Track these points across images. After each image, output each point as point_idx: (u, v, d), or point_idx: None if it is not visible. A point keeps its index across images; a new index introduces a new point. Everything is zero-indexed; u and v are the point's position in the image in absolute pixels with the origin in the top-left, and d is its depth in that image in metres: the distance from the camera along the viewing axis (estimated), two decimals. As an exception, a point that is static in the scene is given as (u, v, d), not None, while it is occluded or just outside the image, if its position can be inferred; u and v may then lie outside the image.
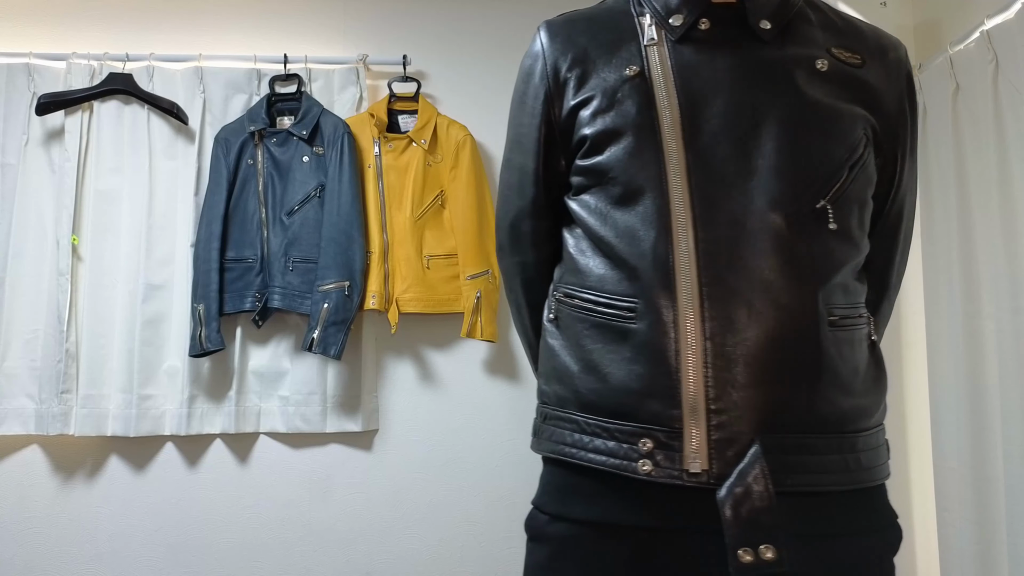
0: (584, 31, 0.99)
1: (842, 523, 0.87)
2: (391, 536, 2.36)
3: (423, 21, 2.53)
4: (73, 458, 2.31)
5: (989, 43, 1.91)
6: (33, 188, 2.30)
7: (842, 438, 0.87)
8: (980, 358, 1.98)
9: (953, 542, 2.08)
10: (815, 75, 0.92)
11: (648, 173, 0.89)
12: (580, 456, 0.90)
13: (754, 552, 0.80)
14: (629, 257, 0.88)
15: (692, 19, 0.94)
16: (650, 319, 0.86)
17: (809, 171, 0.88)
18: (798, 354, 0.85)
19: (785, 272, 0.85)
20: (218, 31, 2.48)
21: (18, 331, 2.26)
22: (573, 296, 0.95)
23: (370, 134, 2.35)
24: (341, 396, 2.33)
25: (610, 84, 0.93)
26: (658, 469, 0.84)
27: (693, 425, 0.84)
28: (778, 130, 0.89)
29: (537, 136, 1.00)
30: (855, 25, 1.00)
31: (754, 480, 0.81)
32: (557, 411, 0.95)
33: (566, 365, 0.94)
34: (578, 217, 0.96)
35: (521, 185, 1.03)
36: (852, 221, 0.91)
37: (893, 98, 0.97)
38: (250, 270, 2.27)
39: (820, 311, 0.86)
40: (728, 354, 0.84)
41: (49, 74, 2.34)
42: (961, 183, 2.06)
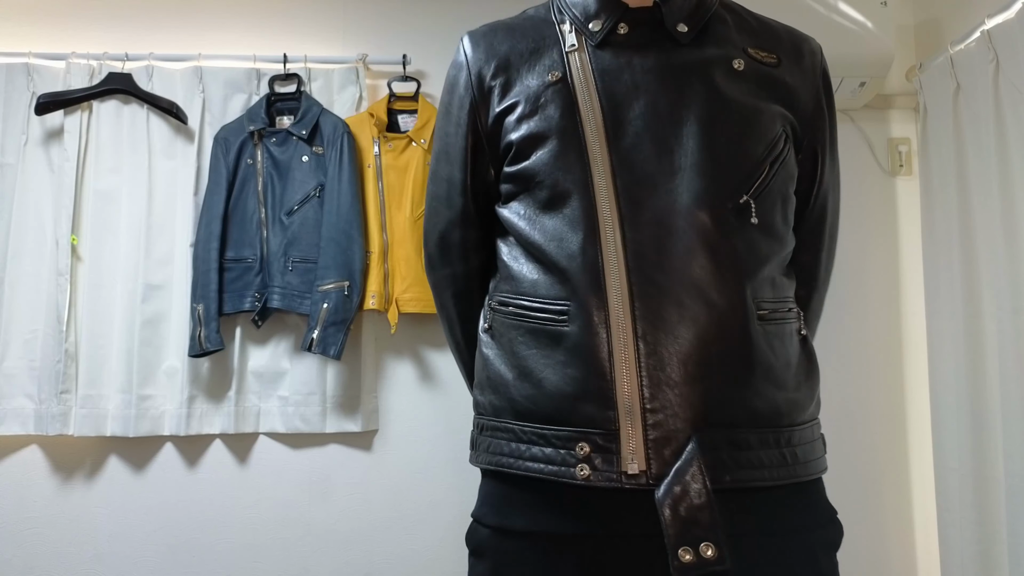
0: (506, 39, 1.00)
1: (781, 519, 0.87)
2: (391, 536, 2.36)
3: (423, 21, 2.53)
4: (72, 458, 2.31)
5: (990, 42, 1.91)
6: (32, 188, 2.29)
7: (778, 432, 0.87)
8: (981, 358, 1.98)
9: (954, 542, 2.08)
10: (732, 75, 0.94)
11: (573, 176, 0.90)
12: (518, 466, 0.89)
13: (694, 551, 0.80)
14: (559, 260, 0.89)
15: (611, 24, 0.96)
16: (581, 321, 0.86)
17: (730, 168, 0.89)
18: (730, 349, 0.85)
19: (713, 268, 0.86)
20: (217, 31, 2.47)
21: (17, 331, 2.25)
22: (507, 304, 0.95)
23: (370, 134, 2.34)
24: (341, 396, 2.33)
25: (533, 90, 0.95)
26: (596, 473, 0.84)
27: (629, 426, 0.83)
28: (698, 128, 0.90)
29: (464, 145, 1.01)
30: (770, 26, 1.02)
31: (691, 478, 0.81)
32: (493, 421, 0.94)
33: (500, 373, 0.93)
34: (509, 224, 0.96)
35: (449, 196, 1.04)
36: (775, 216, 0.93)
37: (809, 96, 0.99)
38: (249, 270, 2.27)
39: (749, 306, 0.87)
40: (661, 353, 0.84)
41: (48, 74, 2.34)
42: (962, 183, 2.06)
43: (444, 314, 1.12)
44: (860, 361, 2.38)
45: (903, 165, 2.44)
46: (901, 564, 2.32)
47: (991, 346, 1.93)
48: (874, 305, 2.41)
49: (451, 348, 1.15)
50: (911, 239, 2.41)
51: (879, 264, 2.42)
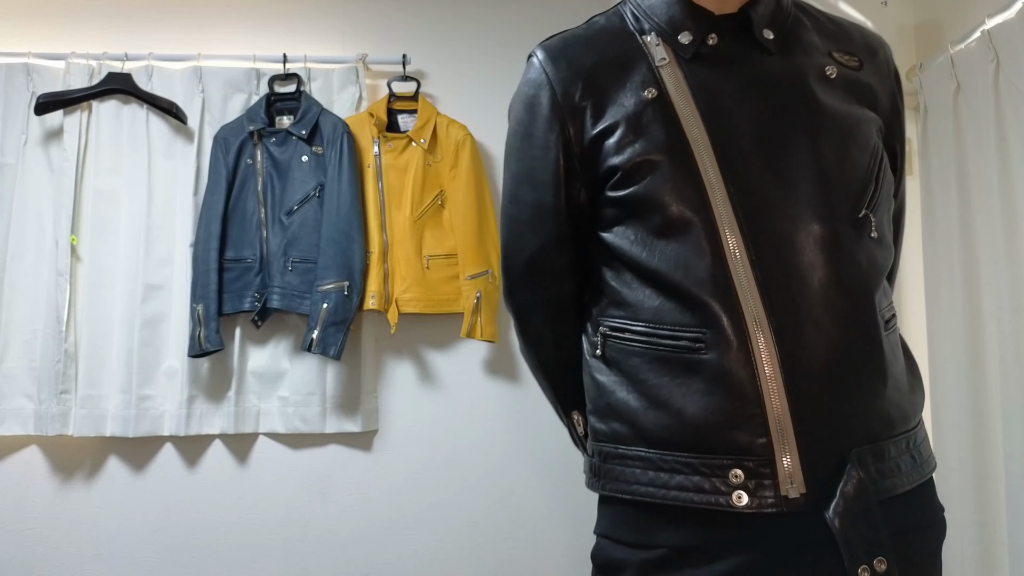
0: (588, 53, 0.96)
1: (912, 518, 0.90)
2: (390, 536, 2.36)
3: (423, 21, 2.52)
4: (72, 459, 2.30)
5: (990, 42, 1.91)
6: (32, 188, 2.29)
7: (907, 436, 0.89)
8: (981, 358, 1.98)
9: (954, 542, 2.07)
10: (826, 82, 0.92)
11: (689, 199, 0.87)
12: (662, 496, 0.87)
13: (870, 568, 0.82)
14: (688, 287, 0.86)
15: (701, 36, 0.92)
16: (720, 348, 0.84)
17: (843, 181, 0.88)
18: (866, 363, 0.86)
19: (841, 284, 0.85)
20: (217, 30, 2.47)
21: (17, 331, 2.25)
22: (624, 330, 0.92)
23: (369, 134, 2.34)
24: (340, 396, 2.33)
25: (631, 110, 0.90)
26: (754, 499, 0.83)
27: (784, 451, 0.83)
28: (806, 142, 0.88)
29: (555, 170, 0.95)
30: (843, 26, 1.01)
31: (856, 497, 0.82)
32: (620, 448, 0.91)
33: (624, 401, 0.91)
34: (616, 249, 0.92)
35: (539, 221, 0.99)
36: (885, 225, 0.93)
37: (887, 96, 0.98)
38: (249, 270, 2.27)
39: (878, 317, 0.87)
40: (804, 372, 0.83)
41: (48, 74, 2.34)
42: (962, 183, 2.05)
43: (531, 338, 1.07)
44: (860, 361, 2.38)
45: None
46: (901, 564, 2.32)
47: (991, 346, 1.93)
48: (874, 305, 2.41)
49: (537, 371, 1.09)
50: (911, 239, 2.41)
51: (879, 264, 2.42)
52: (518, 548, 2.39)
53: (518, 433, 2.42)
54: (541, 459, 2.42)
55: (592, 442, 0.97)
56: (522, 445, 2.42)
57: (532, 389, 2.42)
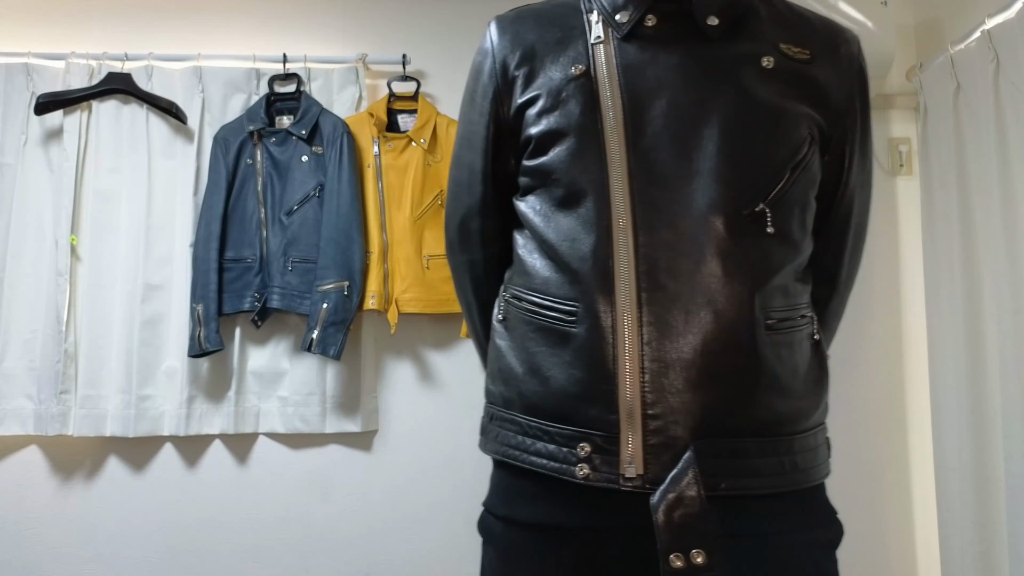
0: (533, 27, 0.98)
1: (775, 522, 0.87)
2: (390, 537, 2.36)
3: (423, 20, 2.52)
4: (72, 459, 2.30)
5: (990, 42, 1.91)
6: (32, 188, 2.29)
7: (777, 441, 0.87)
8: (981, 358, 1.98)
9: (954, 542, 2.08)
10: (761, 73, 0.91)
11: (590, 175, 0.88)
12: (523, 459, 0.91)
13: (685, 557, 0.81)
14: (571, 260, 0.88)
15: (638, 15, 0.92)
16: (589, 323, 0.86)
17: (749, 174, 0.88)
18: (735, 359, 0.85)
19: (723, 277, 0.85)
20: (217, 30, 2.47)
21: (17, 331, 2.25)
22: (521, 298, 0.95)
23: (369, 133, 2.34)
24: (340, 396, 2.32)
25: (555, 83, 0.93)
26: (595, 473, 0.85)
27: (629, 430, 0.84)
28: (719, 131, 0.88)
29: (486, 135, 1.00)
30: (807, 18, 0.99)
31: (687, 485, 0.82)
32: (503, 412, 0.95)
33: (511, 366, 0.94)
34: (525, 218, 0.95)
35: (470, 183, 1.03)
36: (792, 223, 0.91)
37: (843, 93, 0.95)
38: (249, 270, 2.27)
39: (757, 315, 0.86)
40: (665, 359, 0.84)
41: (48, 74, 2.34)
42: (962, 183, 2.05)
43: (463, 298, 1.12)
44: (860, 361, 2.38)
45: (903, 165, 2.44)
46: (901, 564, 2.32)
47: (992, 346, 1.93)
48: (874, 305, 2.41)
49: (469, 330, 1.14)
50: (911, 239, 2.41)
51: (879, 264, 2.42)
52: (518, 548, 2.39)
53: (518, 433, 2.42)
54: (541, 459, 2.42)
55: (486, 403, 1.00)
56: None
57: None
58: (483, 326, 1.08)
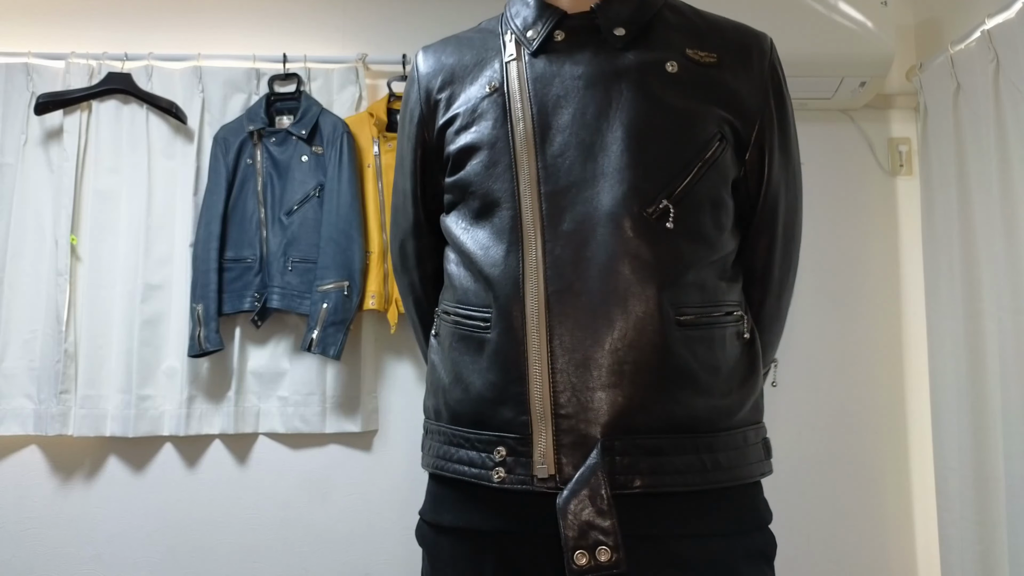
0: (455, 52, 1.04)
1: (698, 523, 0.87)
2: (390, 537, 2.36)
3: (423, 20, 2.52)
4: (72, 459, 2.30)
5: (990, 42, 1.91)
6: (31, 188, 2.29)
7: (696, 438, 0.87)
8: (981, 358, 1.98)
9: (954, 542, 2.08)
10: (665, 78, 0.93)
11: (502, 186, 0.91)
12: (448, 468, 0.93)
13: (590, 554, 0.81)
14: (484, 268, 0.91)
15: (547, 31, 0.96)
16: (500, 328, 0.88)
17: (652, 172, 0.89)
18: (644, 356, 0.85)
19: (629, 275, 0.86)
20: (217, 30, 2.47)
21: (16, 331, 2.25)
22: (448, 311, 0.97)
23: (369, 133, 2.34)
24: (340, 396, 2.32)
25: (472, 102, 0.96)
26: (510, 476, 0.86)
27: (541, 431, 0.85)
28: (623, 133, 0.90)
29: (413, 158, 1.04)
30: (717, 24, 1.00)
31: (593, 483, 0.82)
32: (433, 424, 0.98)
33: (440, 378, 0.96)
34: (449, 234, 0.98)
35: (404, 206, 1.07)
36: (703, 220, 0.91)
37: (754, 94, 0.96)
38: (249, 270, 2.27)
39: (666, 312, 0.86)
40: (575, 358, 0.85)
41: (48, 74, 2.34)
42: (962, 183, 2.06)
43: (410, 319, 1.16)
44: (860, 361, 2.38)
45: (903, 165, 2.44)
46: (901, 564, 2.32)
47: (991, 346, 1.93)
48: (874, 305, 2.41)
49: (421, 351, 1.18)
50: (911, 239, 2.41)
51: (879, 264, 2.42)
52: (518, 548, 2.39)
53: (518, 433, 2.42)
54: (541, 459, 2.42)
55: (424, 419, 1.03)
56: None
57: (532, 389, 2.42)
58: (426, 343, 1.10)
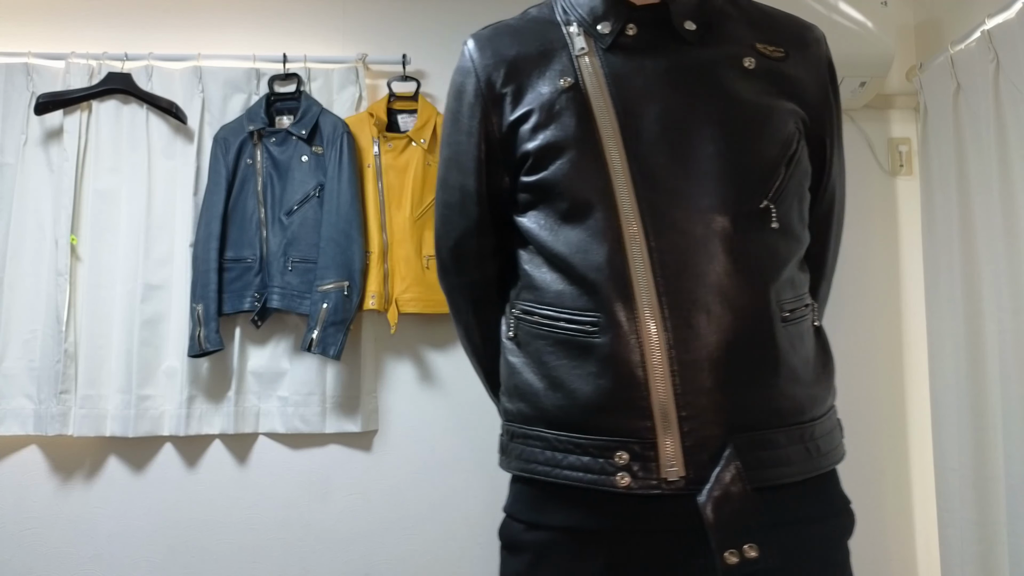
0: (513, 43, 0.99)
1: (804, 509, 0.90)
2: (390, 537, 2.36)
3: (423, 20, 2.52)
4: (72, 458, 2.30)
5: (990, 42, 1.91)
6: (31, 188, 2.29)
7: (802, 428, 0.89)
8: (981, 358, 1.98)
9: (954, 542, 2.08)
10: (743, 74, 0.94)
11: (594, 186, 0.90)
12: (555, 474, 0.91)
13: (739, 552, 0.82)
14: (586, 272, 0.89)
15: (619, 26, 0.95)
16: (612, 332, 0.87)
17: (748, 171, 0.90)
18: (757, 353, 0.87)
19: (736, 274, 0.87)
20: (217, 30, 2.47)
21: (16, 331, 2.25)
22: (532, 312, 0.95)
23: (369, 133, 2.34)
24: (340, 396, 2.32)
25: (546, 97, 0.94)
26: (636, 481, 0.85)
27: (666, 434, 0.85)
28: (713, 133, 0.90)
29: (477, 154, 0.99)
30: (773, 16, 1.02)
31: (731, 482, 0.83)
32: (523, 428, 0.95)
33: (529, 383, 0.94)
34: (528, 233, 0.96)
35: (463, 204, 1.03)
36: (793, 216, 0.93)
37: (816, 86, 0.99)
38: (249, 270, 2.27)
39: (773, 309, 0.88)
40: (692, 361, 0.85)
41: (48, 74, 2.34)
42: (962, 182, 2.06)
43: (460, 320, 1.11)
44: (860, 361, 2.38)
45: (903, 165, 2.44)
46: (901, 564, 2.32)
47: (991, 346, 1.93)
48: (874, 305, 2.41)
49: (467, 352, 1.14)
50: (911, 239, 2.41)
51: (879, 264, 2.42)
52: (518, 548, 2.39)
53: (518, 433, 2.42)
54: (541, 459, 2.42)
55: (503, 422, 1.01)
56: (522, 445, 2.42)
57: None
58: (485, 345, 1.08)
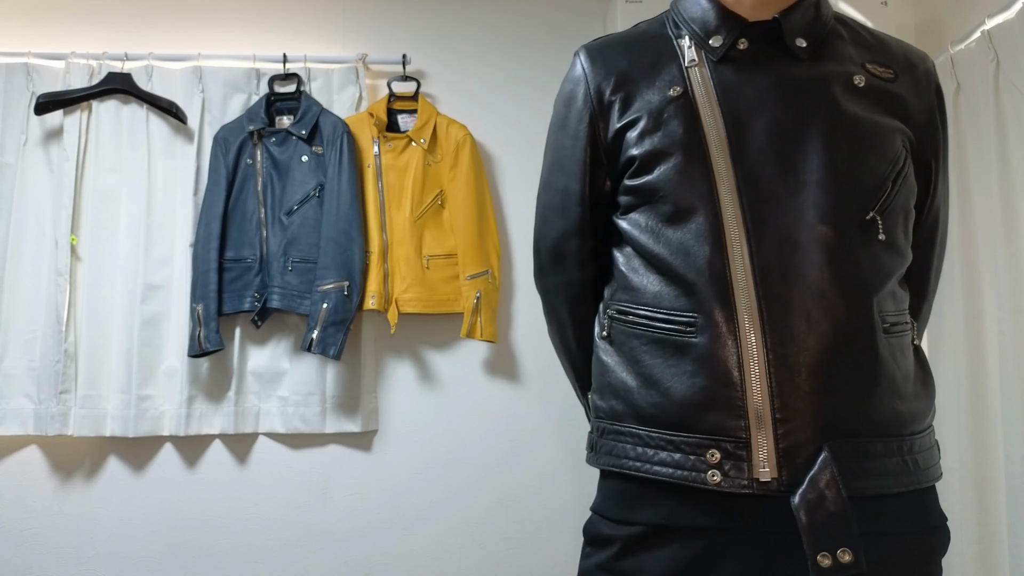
0: (624, 54, 1.02)
1: (902, 523, 0.90)
2: (390, 537, 2.36)
3: (423, 20, 2.52)
4: (72, 458, 2.30)
5: (990, 42, 1.91)
6: (32, 188, 2.29)
7: (901, 440, 0.90)
8: (981, 358, 1.98)
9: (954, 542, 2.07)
10: (852, 91, 0.95)
11: (699, 191, 0.91)
12: (645, 469, 0.92)
13: (832, 556, 0.83)
14: (686, 273, 0.91)
15: (731, 40, 0.96)
16: (710, 332, 0.88)
17: (855, 184, 0.91)
18: (858, 361, 0.87)
19: (838, 283, 0.88)
20: (217, 30, 2.47)
21: (17, 331, 2.25)
22: (627, 313, 0.97)
23: (369, 134, 2.34)
24: (340, 396, 2.33)
25: (655, 105, 0.96)
26: (727, 479, 0.87)
27: (760, 435, 0.86)
28: (821, 145, 0.91)
29: (583, 158, 1.02)
30: (884, 40, 1.03)
31: (826, 486, 0.84)
32: (615, 425, 0.97)
33: (623, 380, 0.96)
34: (628, 236, 0.98)
35: (565, 206, 1.05)
36: (898, 231, 0.94)
37: (924, 109, 1.00)
38: (249, 270, 2.27)
39: (875, 319, 0.89)
40: (790, 364, 0.86)
41: (48, 73, 2.34)
42: (962, 183, 2.06)
43: (555, 319, 1.13)
44: (860, 361, 2.38)
45: (903, 165, 2.43)
46: (901, 564, 2.32)
47: (991, 346, 1.93)
48: (874, 305, 2.41)
49: (558, 350, 1.16)
50: (911, 239, 2.41)
51: (879, 264, 2.42)
52: (518, 548, 2.39)
53: (518, 433, 2.42)
54: (541, 459, 2.42)
55: (593, 419, 1.02)
56: (522, 445, 2.43)
57: (532, 389, 2.43)
58: (578, 344, 1.10)
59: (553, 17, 2.52)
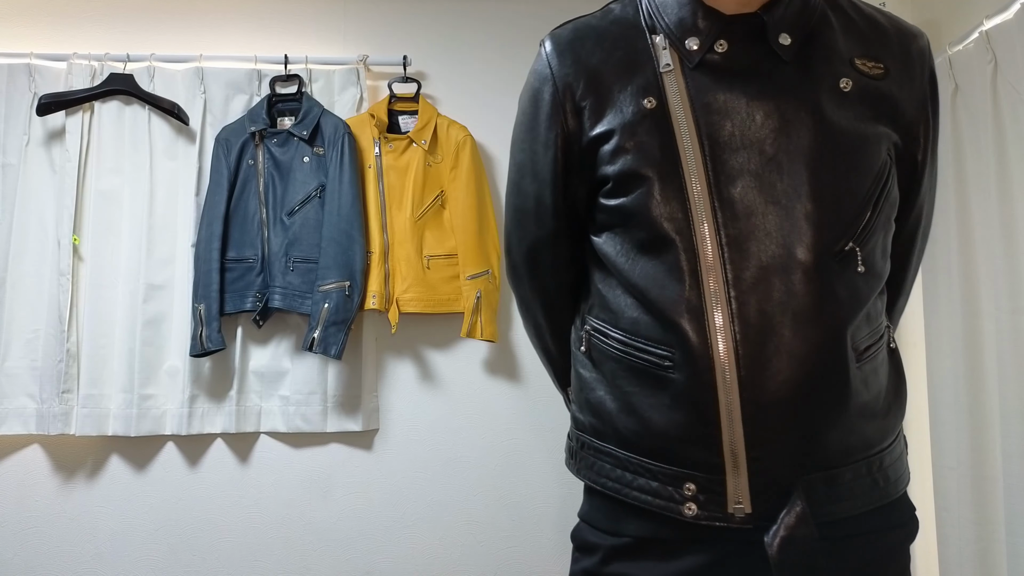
0: (595, 49, 0.94)
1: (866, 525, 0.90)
2: (391, 536, 2.36)
3: (423, 21, 2.53)
4: (74, 458, 2.31)
5: (988, 44, 1.91)
6: (34, 188, 2.30)
7: (870, 461, 0.89)
8: (979, 358, 1.98)
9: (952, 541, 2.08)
10: (838, 97, 0.89)
11: (674, 221, 0.87)
12: (624, 493, 0.92)
13: None
14: (662, 306, 0.87)
15: (709, 42, 0.90)
16: (688, 371, 0.86)
17: (836, 211, 0.87)
18: (830, 396, 0.86)
19: (816, 317, 0.85)
20: (219, 31, 2.48)
21: (19, 331, 2.26)
22: (606, 334, 0.94)
23: (370, 134, 2.35)
24: (341, 396, 2.33)
25: (628, 118, 0.90)
26: (703, 512, 0.87)
27: (734, 472, 0.86)
28: (804, 166, 0.87)
29: (554, 167, 0.96)
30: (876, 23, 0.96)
31: (796, 525, 0.83)
32: (595, 442, 0.96)
33: (602, 401, 0.94)
34: (604, 255, 0.94)
35: (539, 215, 1.00)
36: (877, 253, 0.91)
37: (915, 104, 0.95)
38: (251, 270, 2.27)
39: (848, 352, 0.86)
40: (764, 403, 0.84)
41: (50, 74, 2.35)
42: (960, 183, 2.06)
43: (532, 321, 1.11)
44: (859, 361, 2.38)
45: (902, 166, 2.44)
46: (900, 563, 2.33)
47: (989, 346, 1.94)
48: (873, 305, 2.41)
49: (536, 349, 1.14)
50: (910, 239, 2.41)
51: (878, 264, 2.42)
52: (518, 548, 2.40)
53: (518, 433, 2.43)
54: (541, 458, 2.43)
55: (572, 428, 1.02)
56: (523, 445, 2.43)
57: (532, 389, 2.43)
58: (556, 346, 1.09)
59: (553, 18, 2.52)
